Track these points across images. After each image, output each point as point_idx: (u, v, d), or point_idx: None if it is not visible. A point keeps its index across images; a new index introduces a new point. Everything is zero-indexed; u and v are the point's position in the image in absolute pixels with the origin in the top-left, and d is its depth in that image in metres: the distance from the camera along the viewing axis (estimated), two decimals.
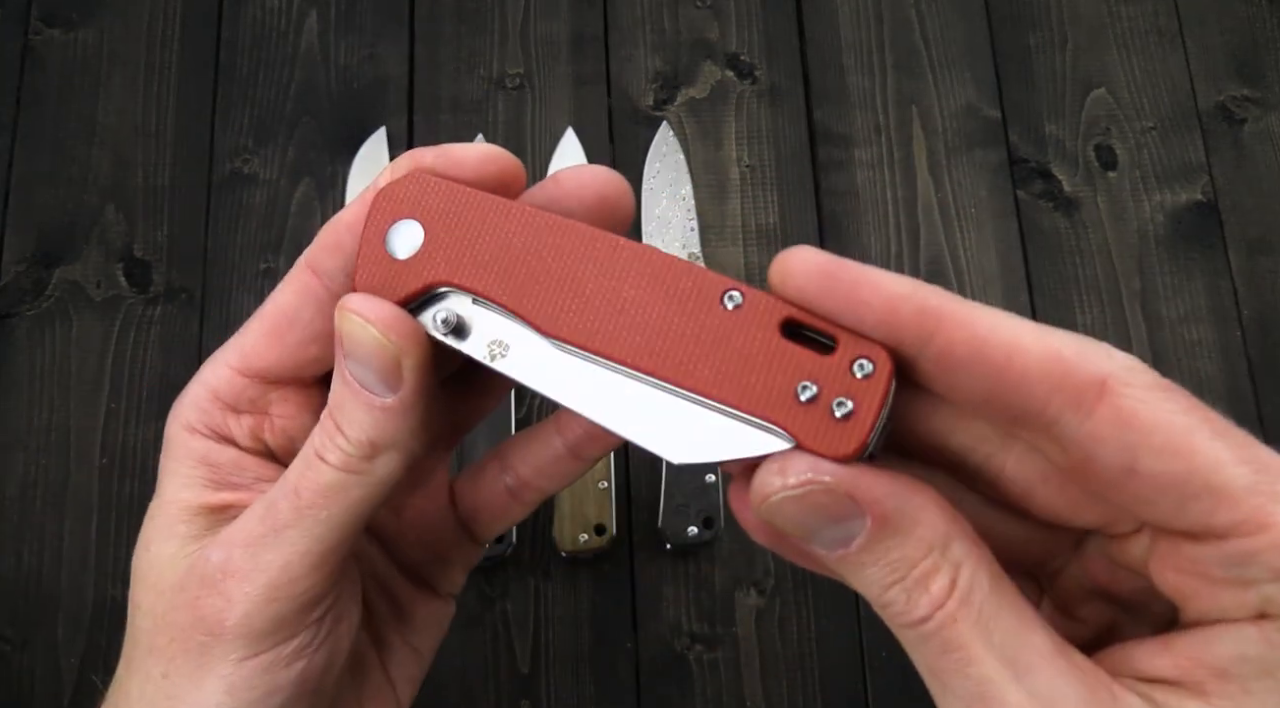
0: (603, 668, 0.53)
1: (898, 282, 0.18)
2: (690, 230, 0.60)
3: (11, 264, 0.59)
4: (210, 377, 0.24)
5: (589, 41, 0.64)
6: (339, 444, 0.22)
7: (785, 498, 0.18)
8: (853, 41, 0.65)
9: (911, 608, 0.18)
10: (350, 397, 0.22)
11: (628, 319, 0.20)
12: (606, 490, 0.53)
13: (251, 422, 0.24)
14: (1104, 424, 0.17)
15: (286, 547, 0.21)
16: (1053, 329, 0.18)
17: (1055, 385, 0.17)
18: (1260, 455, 0.17)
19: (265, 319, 0.24)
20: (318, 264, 0.23)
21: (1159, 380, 0.18)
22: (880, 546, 0.18)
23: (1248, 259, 0.61)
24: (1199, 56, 0.65)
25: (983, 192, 0.62)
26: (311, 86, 0.63)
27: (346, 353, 0.21)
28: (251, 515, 0.22)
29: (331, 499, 0.22)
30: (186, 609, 0.22)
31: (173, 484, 0.23)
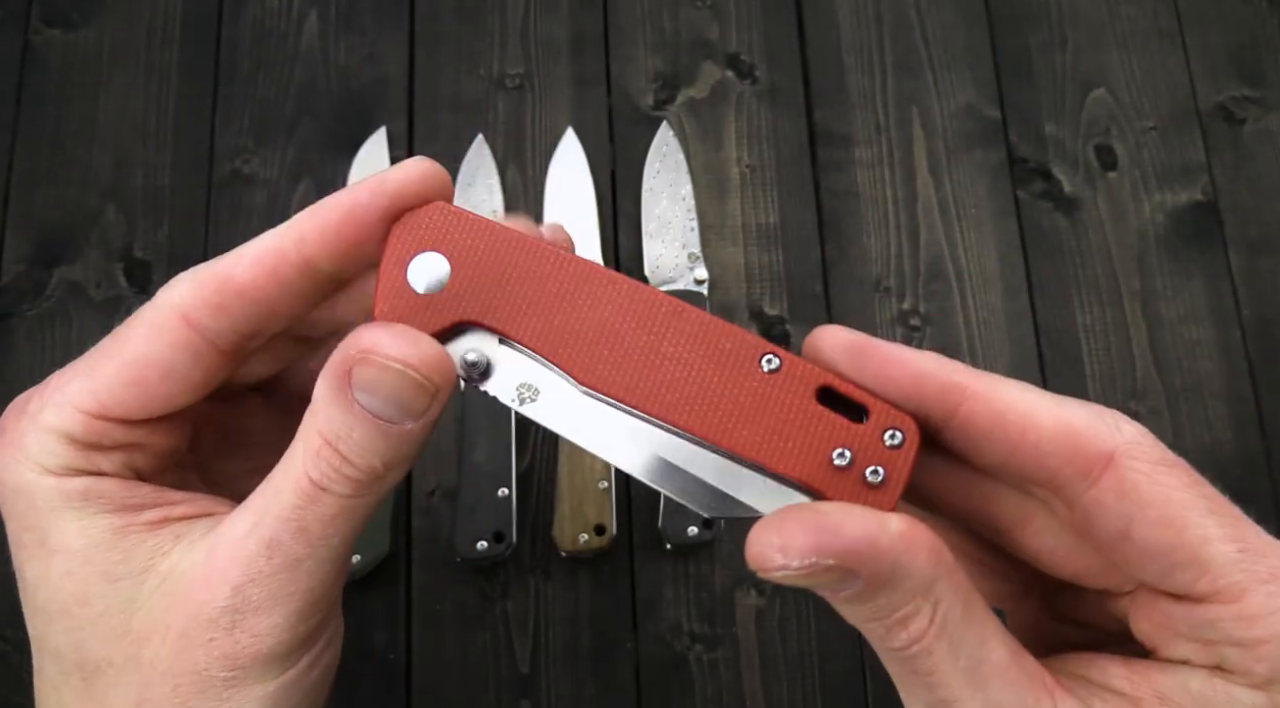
0: (603, 668, 0.53)
1: (923, 359, 0.20)
2: (690, 230, 0.60)
3: (11, 264, 0.59)
4: (55, 420, 0.22)
5: (589, 41, 0.64)
6: (347, 474, 0.21)
7: (786, 576, 0.19)
8: (853, 41, 0.65)
9: (889, 639, 0.19)
10: (359, 426, 0.20)
11: (666, 375, 0.20)
12: (606, 491, 0.53)
13: (121, 456, 0.22)
14: (1107, 492, 0.19)
15: (304, 577, 0.21)
16: (1067, 401, 0.20)
17: (1066, 456, 0.19)
18: (1247, 535, 0.19)
19: (126, 367, 0.22)
20: (196, 319, 0.21)
21: (1164, 456, 0.19)
22: (869, 597, 0.19)
23: (1248, 259, 0.61)
24: (1199, 56, 0.65)
25: (983, 191, 0.62)
26: (311, 86, 0.63)
27: (363, 390, 0.20)
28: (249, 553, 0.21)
29: (343, 524, 0.21)
30: (196, 653, 0.21)
31: (70, 529, 0.21)
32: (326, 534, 0.21)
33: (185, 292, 0.21)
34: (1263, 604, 0.18)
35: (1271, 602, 0.18)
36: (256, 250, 0.21)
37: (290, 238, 0.21)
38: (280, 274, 0.21)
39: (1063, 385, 0.58)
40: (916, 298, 0.60)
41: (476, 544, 0.52)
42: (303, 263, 0.21)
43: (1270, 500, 0.57)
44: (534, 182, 0.61)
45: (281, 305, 0.22)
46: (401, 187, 0.21)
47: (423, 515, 0.55)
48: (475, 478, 0.53)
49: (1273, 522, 0.56)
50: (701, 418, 0.20)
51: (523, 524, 0.54)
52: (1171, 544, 0.19)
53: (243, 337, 0.22)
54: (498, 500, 0.53)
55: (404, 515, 0.55)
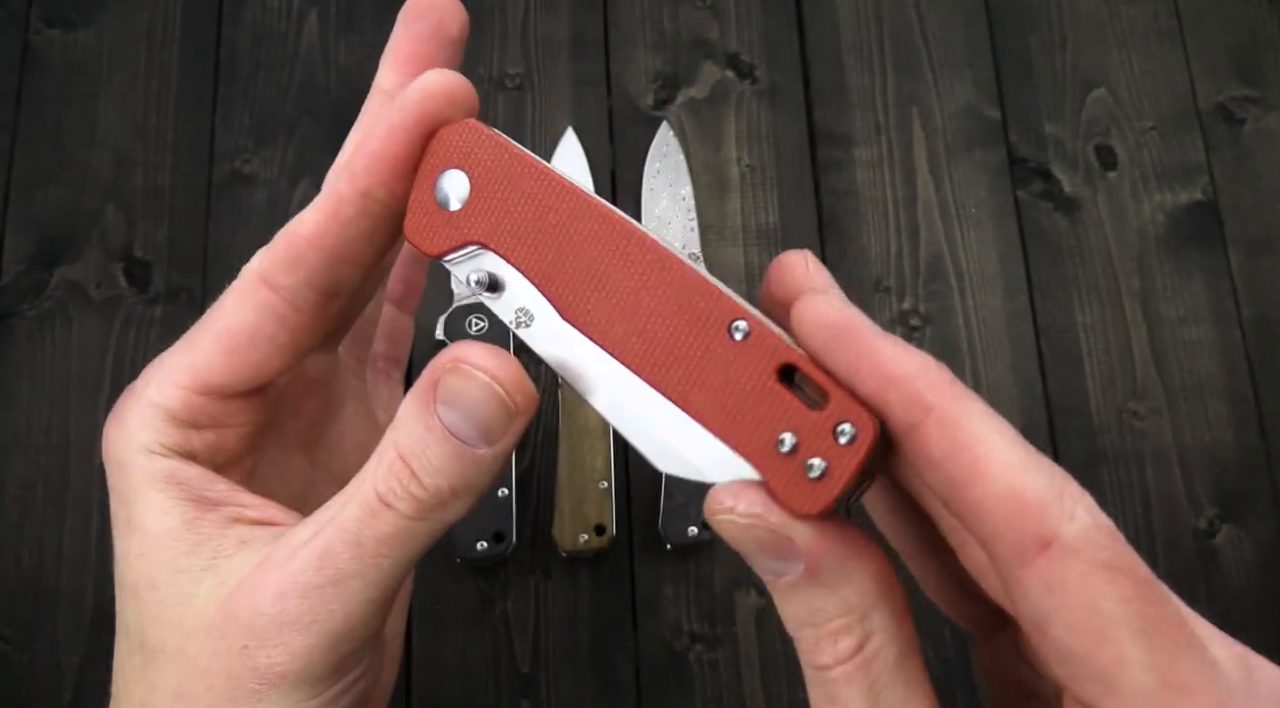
0: (603, 668, 0.53)
1: (901, 362, 0.18)
2: (690, 230, 0.60)
3: (11, 264, 0.59)
4: (157, 396, 0.23)
5: (589, 41, 0.64)
6: (413, 492, 0.21)
7: (730, 521, 0.19)
8: (853, 41, 0.65)
9: (816, 653, 0.19)
10: (436, 443, 0.21)
11: (639, 325, 0.20)
12: (606, 491, 0.53)
13: (213, 436, 0.23)
14: (1034, 578, 0.17)
15: (349, 597, 0.21)
16: (1035, 463, 0.17)
17: (1004, 525, 0.17)
18: (1179, 667, 0.16)
19: (219, 336, 0.23)
20: (274, 279, 0.22)
21: (1111, 559, 0.16)
22: (805, 591, 0.19)
23: (1248, 259, 0.61)
24: (1199, 56, 0.65)
25: (983, 191, 0.62)
26: (311, 86, 0.63)
27: (446, 402, 0.20)
28: (301, 561, 0.21)
29: (398, 547, 0.21)
30: (231, 658, 0.21)
31: (151, 508, 0.22)
32: (379, 554, 0.21)
33: (261, 256, 0.22)
34: None
35: None
36: (318, 200, 0.22)
37: (343, 178, 0.22)
38: (341, 214, 0.22)
39: (1063, 385, 0.58)
40: (916, 298, 0.60)
41: (476, 544, 0.52)
42: (358, 197, 0.22)
43: (1270, 501, 0.57)
44: None
45: (353, 248, 0.22)
46: (429, 102, 0.22)
47: None
48: None
49: (1273, 522, 0.56)
50: (664, 375, 0.20)
51: (523, 524, 0.54)
52: (1085, 654, 0.16)
53: (319, 292, 0.23)
54: (498, 500, 0.53)
55: None
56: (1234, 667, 0.17)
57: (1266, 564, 0.56)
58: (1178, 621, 0.16)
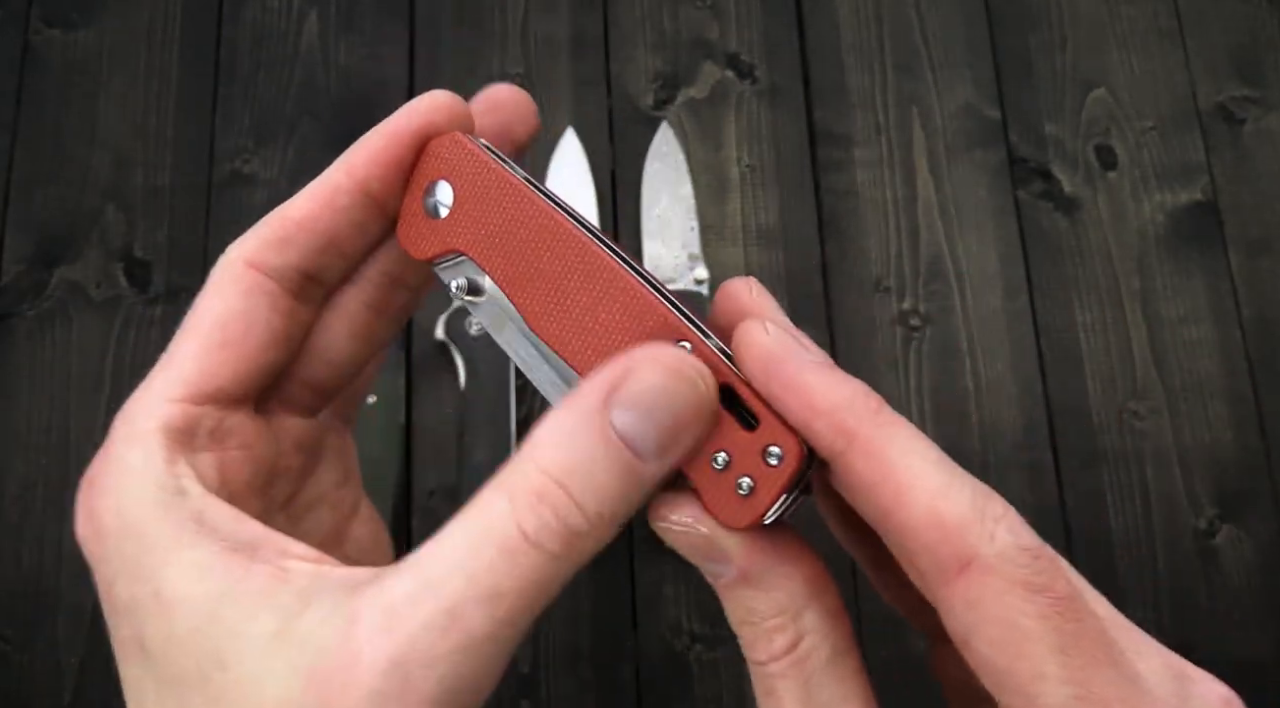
0: (603, 668, 0.53)
1: (827, 393, 0.18)
2: (690, 230, 0.60)
3: (11, 264, 0.59)
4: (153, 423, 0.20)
5: (589, 41, 0.64)
6: (570, 522, 0.18)
7: (666, 529, 0.20)
8: (853, 41, 0.65)
9: (754, 649, 0.20)
10: (607, 457, 0.18)
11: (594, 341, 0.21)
12: None
13: (215, 460, 0.21)
14: (955, 596, 0.17)
15: (478, 656, 0.17)
16: (957, 484, 0.18)
17: (927, 548, 0.18)
18: (1094, 681, 0.17)
19: (208, 333, 0.21)
20: (263, 261, 0.21)
21: (1029, 577, 0.17)
22: (740, 592, 0.20)
23: (1248, 259, 0.61)
24: (1199, 56, 0.65)
25: (983, 192, 0.62)
26: (311, 86, 0.63)
27: (631, 404, 0.18)
28: (420, 624, 0.17)
29: (540, 595, 0.18)
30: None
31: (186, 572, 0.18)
32: (518, 608, 0.18)
33: (244, 243, 0.22)
34: None
35: None
36: (309, 188, 0.22)
37: (341, 169, 0.22)
38: (336, 202, 0.22)
39: (1063, 385, 0.59)
40: (916, 298, 0.60)
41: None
42: (355, 188, 0.22)
43: (1270, 500, 0.57)
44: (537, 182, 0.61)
45: (341, 235, 0.22)
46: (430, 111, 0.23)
47: (423, 516, 0.55)
48: (475, 478, 0.53)
49: (1273, 522, 0.56)
50: None
51: None
52: (1005, 669, 0.17)
53: (308, 276, 0.22)
54: None
55: (404, 516, 0.55)
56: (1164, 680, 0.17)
57: (1266, 564, 0.56)
58: (1097, 635, 0.17)
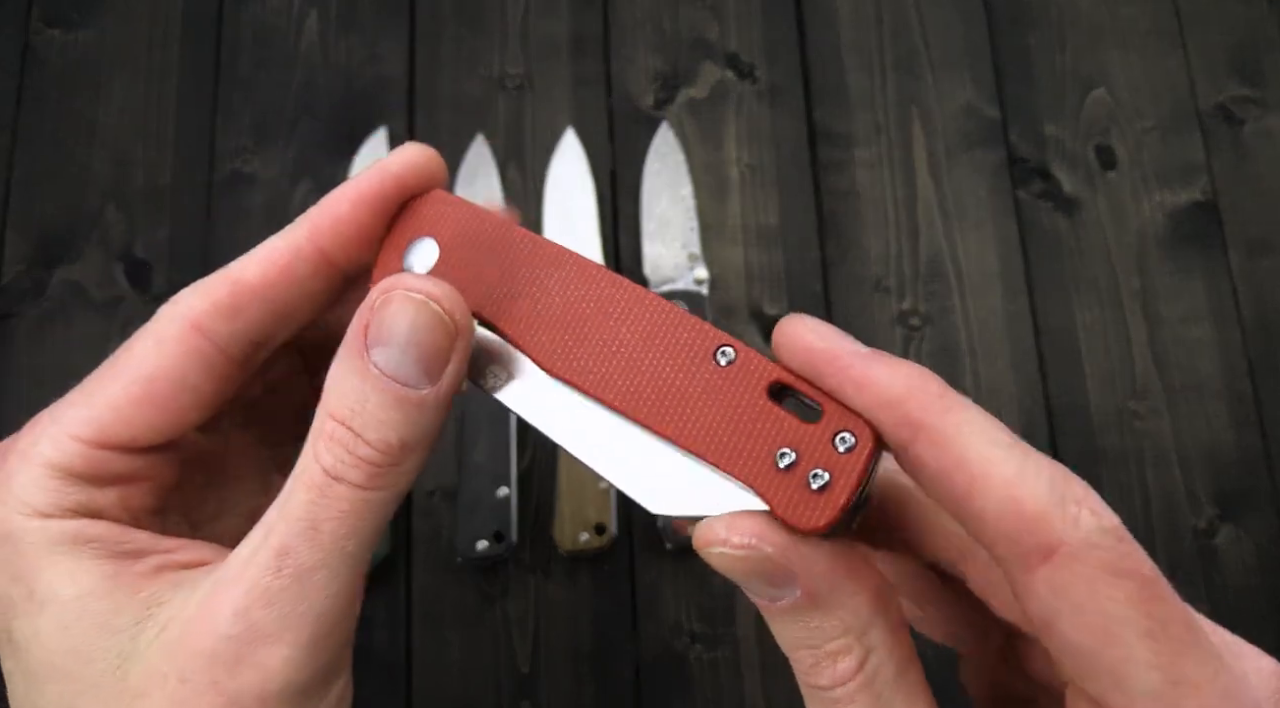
0: (603, 668, 0.53)
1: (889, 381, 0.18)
2: (690, 230, 0.60)
3: (11, 264, 0.59)
4: (51, 454, 0.20)
5: (589, 41, 0.64)
6: (362, 456, 0.19)
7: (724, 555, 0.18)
8: (853, 41, 0.65)
9: (816, 674, 0.18)
10: (376, 393, 0.19)
11: (622, 364, 0.20)
12: (607, 491, 0.53)
13: (115, 494, 0.21)
14: (1040, 583, 0.17)
15: (318, 591, 0.19)
16: (1033, 469, 0.17)
17: (1009, 536, 0.17)
18: (1184, 667, 0.16)
19: (135, 382, 0.20)
20: (209, 326, 0.21)
21: (1118, 562, 0.17)
22: (803, 615, 0.18)
23: (1248, 259, 0.61)
24: (1199, 56, 0.65)
25: (983, 191, 0.62)
26: (311, 86, 0.63)
27: (382, 340, 0.19)
28: (256, 567, 0.19)
29: (357, 523, 0.19)
30: (199, 699, 0.18)
31: (61, 577, 0.19)
32: (339, 536, 0.19)
33: (193, 301, 0.21)
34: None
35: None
36: (266, 250, 0.21)
37: (302, 233, 0.21)
38: (294, 270, 0.21)
39: (1063, 385, 0.58)
40: (916, 298, 0.60)
41: (476, 544, 0.52)
42: (316, 255, 0.21)
43: (1270, 500, 0.57)
44: (534, 181, 0.61)
45: (295, 305, 0.22)
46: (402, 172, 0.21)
47: (423, 516, 0.55)
48: (475, 478, 0.53)
49: (1273, 522, 0.56)
50: (653, 409, 0.19)
51: (523, 524, 0.54)
52: (1093, 652, 0.17)
53: (254, 344, 0.22)
54: (498, 501, 0.53)
55: (404, 515, 0.55)
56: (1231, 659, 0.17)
57: (1266, 564, 0.56)
58: (1182, 619, 0.17)
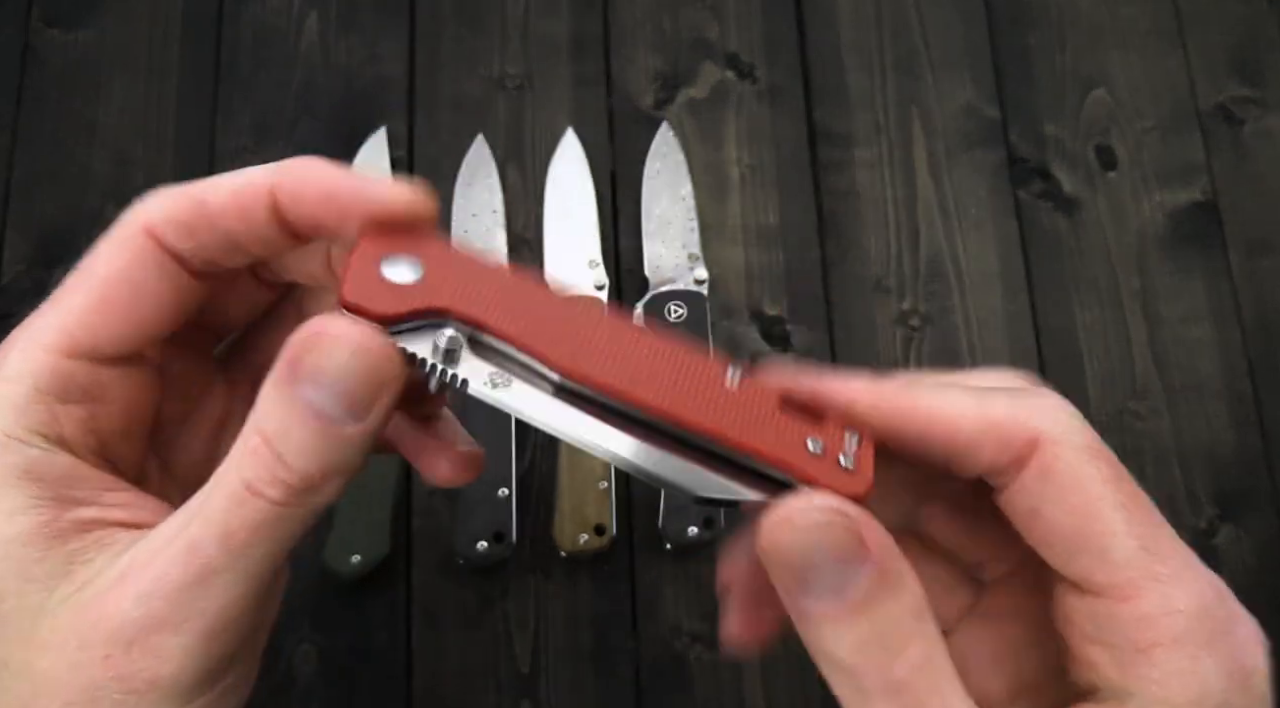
0: (603, 668, 0.53)
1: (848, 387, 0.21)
2: (690, 230, 0.60)
3: (11, 264, 0.59)
4: (21, 366, 0.20)
5: (589, 41, 0.64)
6: (280, 477, 0.19)
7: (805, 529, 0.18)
8: (853, 41, 0.65)
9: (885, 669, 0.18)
10: (299, 425, 0.19)
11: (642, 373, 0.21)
12: (606, 491, 0.53)
13: (85, 412, 0.21)
14: (1028, 476, 0.19)
15: (220, 592, 0.19)
16: (993, 395, 0.20)
17: (996, 449, 0.19)
18: (1156, 536, 0.19)
19: (93, 290, 0.21)
20: (163, 237, 0.21)
21: (1090, 445, 0.19)
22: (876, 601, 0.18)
23: (1248, 259, 0.61)
24: (1199, 56, 0.65)
25: (983, 191, 0.62)
26: (311, 86, 0.63)
27: (306, 379, 0.19)
28: (167, 557, 0.19)
29: (268, 536, 0.19)
30: (92, 669, 0.19)
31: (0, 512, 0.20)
32: (249, 544, 0.19)
33: (153, 207, 0.21)
34: (1157, 604, 0.18)
35: (1167, 603, 0.18)
36: (235, 183, 0.21)
37: (268, 183, 0.21)
38: (251, 214, 0.21)
39: (1063, 385, 0.58)
40: (916, 298, 0.60)
41: (476, 544, 0.52)
42: (272, 212, 0.21)
43: (1270, 500, 0.57)
44: (534, 181, 0.61)
45: (247, 242, 0.22)
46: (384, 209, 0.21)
47: (423, 516, 0.55)
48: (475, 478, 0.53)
49: (1273, 522, 0.56)
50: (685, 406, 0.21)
51: (523, 524, 0.54)
52: (1077, 529, 0.19)
53: (209, 262, 0.22)
54: (498, 500, 0.53)
55: (404, 516, 0.55)
56: None
57: (1266, 564, 0.56)
58: (1145, 498, 0.19)
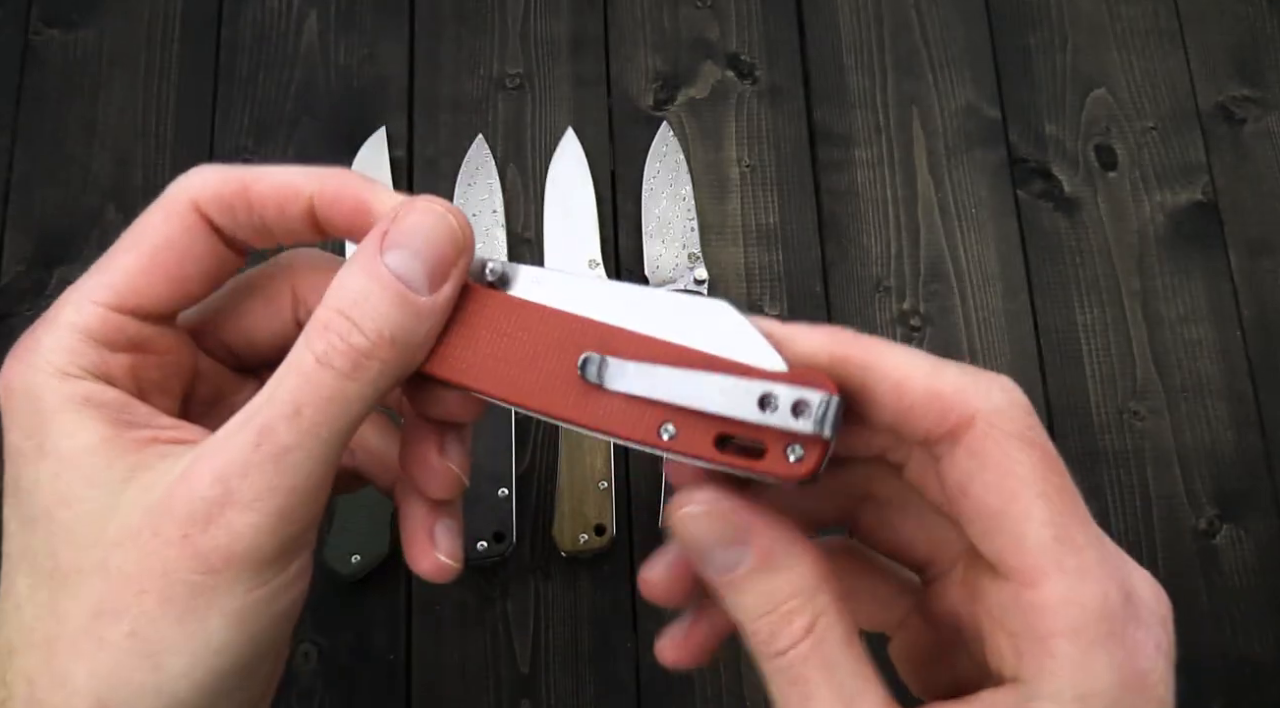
0: (603, 668, 0.53)
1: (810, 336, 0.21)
2: (690, 230, 0.60)
3: (11, 264, 0.59)
4: (75, 317, 0.22)
5: (589, 41, 0.64)
6: (353, 343, 0.21)
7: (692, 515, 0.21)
8: (853, 41, 0.65)
9: (774, 639, 0.21)
10: (380, 289, 0.21)
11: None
12: (606, 491, 0.53)
13: (130, 360, 0.22)
14: (960, 449, 0.20)
15: (292, 471, 0.20)
16: (946, 366, 0.20)
17: (936, 418, 0.20)
18: (1071, 527, 0.19)
19: (143, 253, 0.22)
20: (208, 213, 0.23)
21: (1024, 431, 0.20)
22: (758, 575, 0.21)
23: (1248, 259, 0.61)
24: (1199, 56, 0.65)
25: (983, 191, 0.62)
26: (311, 86, 0.63)
27: (399, 243, 0.21)
28: (238, 441, 0.20)
29: (335, 414, 0.21)
30: (169, 552, 0.20)
31: (65, 431, 0.21)
32: (317, 422, 0.20)
33: (201, 181, 0.23)
34: (1060, 594, 0.18)
35: (1069, 594, 0.18)
36: (278, 181, 0.23)
37: (310, 189, 0.23)
38: (288, 210, 0.23)
39: (1063, 385, 0.58)
40: (916, 298, 0.60)
41: (476, 544, 0.52)
42: (308, 213, 0.23)
43: (1270, 500, 0.57)
44: (534, 181, 0.61)
45: (278, 229, 0.23)
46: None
47: None
48: (475, 478, 0.53)
49: (1273, 522, 0.56)
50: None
51: (523, 524, 0.54)
52: (996, 510, 0.19)
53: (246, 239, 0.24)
54: (498, 500, 0.53)
55: None
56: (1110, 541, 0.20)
57: (1266, 564, 0.56)
58: (1073, 492, 0.19)
